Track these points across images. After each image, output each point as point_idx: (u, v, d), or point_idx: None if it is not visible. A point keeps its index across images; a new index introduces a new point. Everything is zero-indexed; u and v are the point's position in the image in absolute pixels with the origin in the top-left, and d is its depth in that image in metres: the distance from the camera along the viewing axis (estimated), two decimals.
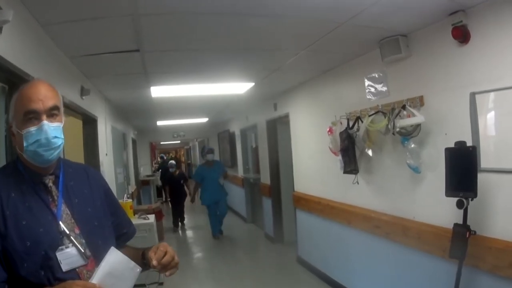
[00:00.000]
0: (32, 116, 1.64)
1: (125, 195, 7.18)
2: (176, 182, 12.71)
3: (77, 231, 1.70)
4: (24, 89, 1.69)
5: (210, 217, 10.50)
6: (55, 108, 1.70)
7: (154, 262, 1.68)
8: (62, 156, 1.85)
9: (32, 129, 1.64)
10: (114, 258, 1.63)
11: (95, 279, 1.56)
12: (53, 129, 1.67)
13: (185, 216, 12.96)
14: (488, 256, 3.22)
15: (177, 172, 13.10)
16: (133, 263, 1.70)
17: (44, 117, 1.65)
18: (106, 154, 6.41)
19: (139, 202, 11.71)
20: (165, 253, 1.72)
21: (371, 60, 4.74)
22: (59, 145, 1.70)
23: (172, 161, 13.85)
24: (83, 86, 4.80)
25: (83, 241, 1.68)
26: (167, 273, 1.73)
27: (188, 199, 12.28)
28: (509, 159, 3.09)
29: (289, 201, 8.26)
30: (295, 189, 7.81)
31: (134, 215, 6.78)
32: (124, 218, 2.12)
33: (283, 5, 3.20)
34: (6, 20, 2.29)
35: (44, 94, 1.67)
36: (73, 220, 1.71)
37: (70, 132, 5.13)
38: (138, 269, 1.72)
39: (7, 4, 2.39)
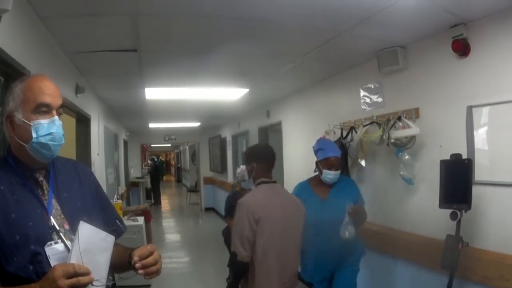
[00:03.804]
0: (45, 110, 1.66)
1: (115, 196, 7.15)
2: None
3: (66, 226, 1.68)
4: (34, 81, 1.70)
5: None
6: (62, 106, 1.74)
7: (136, 258, 1.67)
8: None
9: (44, 121, 1.65)
10: (85, 232, 1.58)
11: (72, 259, 1.52)
12: (61, 127, 1.70)
13: None
14: (478, 267, 3.25)
15: (239, 188, 6.44)
16: (104, 233, 1.67)
17: (55, 112, 1.68)
18: (98, 154, 6.36)
19: (128, 203, 11.65)
20: (150, 254, 1.70)
21: (367, 70, 4.75)
22: (63, 143, 1.72)
23: (243, 167, 5.81)
24: (78, 83, 4.77)
25: (73, 237, 1.63)
26: (146, 276, 1.70)
27: None
28: (503, 172, 3.12)
29: None
30: None
31: (123, 216, 6.73)
32: (114, 214, 2.10)
33: (282, 11, 3.21)
34: (5, 9, 2.25)
35: (55, 91, 1.71)
36: (62, 216, 1.69)
37: (63, 130, 5.10)
38: (111, 238, 1.69)
39: None
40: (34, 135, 1.63)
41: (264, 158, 3.57)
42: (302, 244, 3.56)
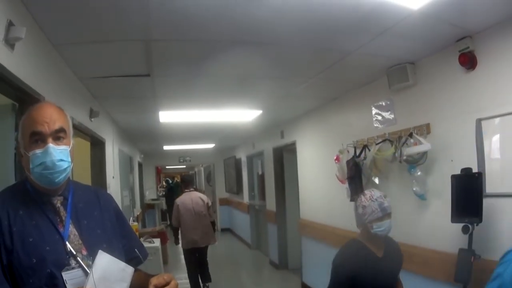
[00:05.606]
0: (38, 138, 1.64)
1: (131, 218, 7.19)
2: None
3: (84, 252, 1.68)
4: (31, 111, 1.70)
5: None
6: (61, 130, 1.70)
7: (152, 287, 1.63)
8: (71, 178, 1.84)
9: (38, 151, 1.63)
10: (103, 261, 1.61)
11: (88, 284, 1.55)
12: (59, 152, 1.66)
13: None
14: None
15: (364, 235, 3.26)
16: (123, 263, 1.68)
17: (50, 139, 1.65)
18: (113, 177, 6.41)
19: (143, 225, 11.67)
20: (167, 284, 1.66)
21: (378, 88, 4.77)
22: (65, 168, 1.69)
23: (369, 194, 3.16)
24: (92, 108, 4.83)
25: (91, 262, 1.65)
26: None
27: None
28: None
29: (295, 227, 8.23)
30: (301, 216, 7.77)
31: (139, 238, 6.75)
32: (135, 241, 2.10)
33: (294, 34, 3.26)
34: (19, 37, 2.31)
35: (50, 117, 1.67)
36: (80, 241, 1.70)
37: (78, 153, 5.13)
38: (130, 269, 1.69)
39: (20, 21, 2.43)
40: (31, 165, 1.64)
41: (189, 180, 8.08)
42: None
